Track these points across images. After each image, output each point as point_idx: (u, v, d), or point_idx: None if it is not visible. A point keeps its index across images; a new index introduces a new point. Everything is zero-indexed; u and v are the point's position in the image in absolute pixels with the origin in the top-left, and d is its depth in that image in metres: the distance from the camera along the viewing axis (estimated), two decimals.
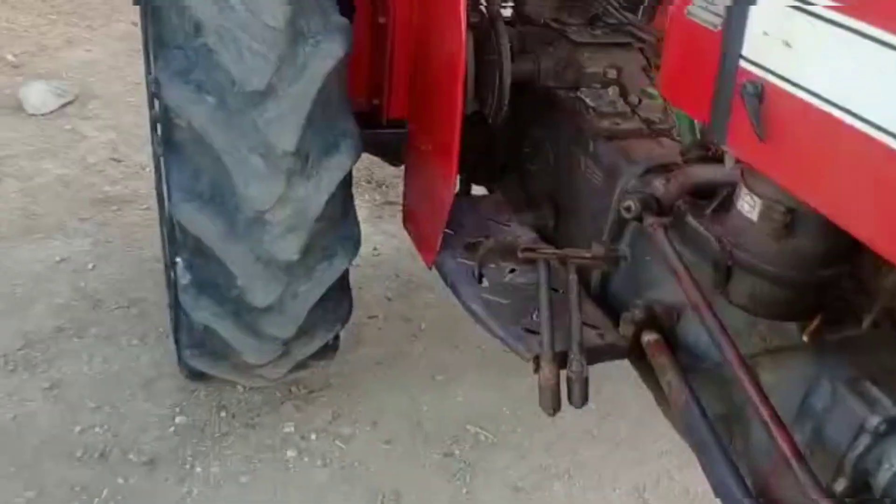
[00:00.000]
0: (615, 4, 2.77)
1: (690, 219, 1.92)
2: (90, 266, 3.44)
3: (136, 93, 4.58)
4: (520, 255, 1.97)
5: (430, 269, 2.49)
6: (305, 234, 2.09)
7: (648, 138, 2.36)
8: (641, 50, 2.63)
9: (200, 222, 2.04)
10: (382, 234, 3.91)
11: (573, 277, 1.98)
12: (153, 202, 3.34)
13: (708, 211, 1.94)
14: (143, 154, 4.11)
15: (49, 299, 3.23)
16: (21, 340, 3.01)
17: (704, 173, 1.89)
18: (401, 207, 4.30)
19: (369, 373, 3.11)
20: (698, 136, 2.17)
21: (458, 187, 2.67)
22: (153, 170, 3.08)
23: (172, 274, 2.30)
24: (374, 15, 2.52)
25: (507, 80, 2.43)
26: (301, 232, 2.08)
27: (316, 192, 2.06)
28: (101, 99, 4.74)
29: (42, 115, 4.50)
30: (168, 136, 2.08)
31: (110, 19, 5.74)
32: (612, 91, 2.47)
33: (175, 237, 2.16)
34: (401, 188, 4.28)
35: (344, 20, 2.12)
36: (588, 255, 1.97)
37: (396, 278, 3.70)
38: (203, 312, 2.18)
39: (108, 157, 4.22)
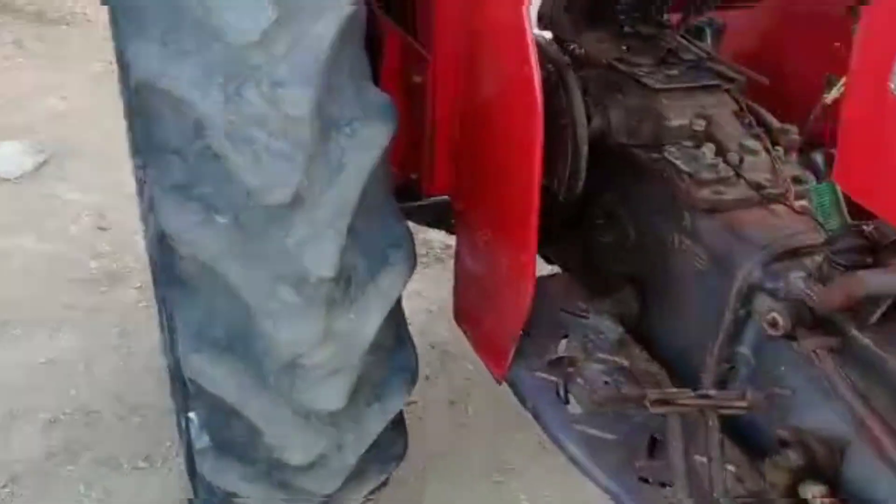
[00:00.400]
0: (688, 37, 2.31)
1: (865, 340, 1.48)
2: (80, 367, 2.95)
3: (119, 144, 4.05)
4: (651, 408, 1.51)
5: (501, 384, 2.03)
6: (352, 376, 1.62)
7: (759, 207, 1.90)
8: (728, 91, 2.17)
9: (218, 377, 1.57)
10: (407, 293, 3.43)
11: (713, 424, 1.53)
12: (147, 277, 2.87)
13: (871, 322, 1.50)
14: (131, 218, 3.60)
15: (35, 415, 2.75)
16: (5, 475, 2.54)
17: (885, 283, 1.44)
18: (428, 261, 3.90)
19: (417, 479, 2.64)
20: (847, 217, 1.72)
21: None
22: (143, 237, 2.61)
23: (183, 424, 1.83)
24: (406, 73, 2.05)
25: (584, 149, 1.96)
26: (347, 374, 1.61)
27: (364, 323, 1.60)
28: (80, 155, 4.23)
29: (15, 179, 4.00)
30: (168, 268, 1.61)
31: (84, 58, 5.21)
32: (709, 150, 1.99)
33: (185, 387, 1.69)
34: (425, 234, 3.86)
35: (384, 97, 1.65)
36: (743, 403, 1.50)
37: (431, 350, 3.23)
38: (227, 477, 1.72)
39: (93, 225, 3.72)
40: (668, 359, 2.00)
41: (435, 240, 3.73)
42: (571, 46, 2.28)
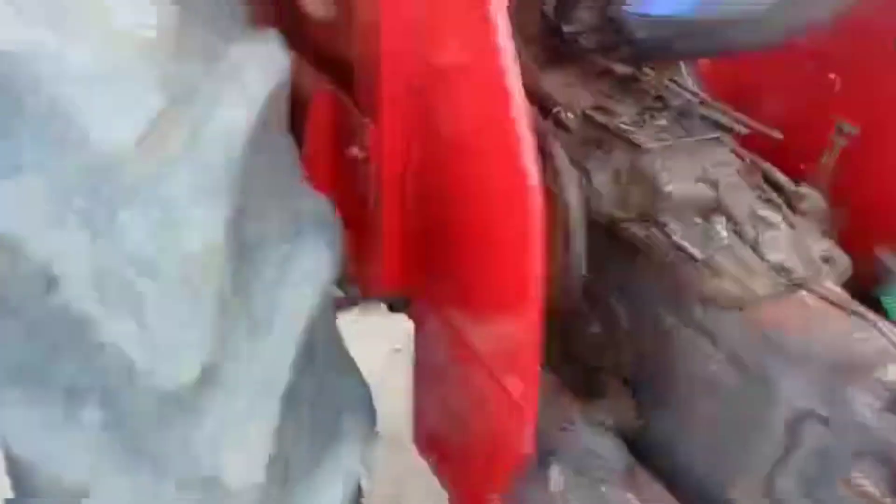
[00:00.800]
0: (676, 79, 1.90)
1: None
2: None
3: None
4: None
5: None
6: None
7: (790, 299, 1.52)
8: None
9: None
10: None
11: None
12: None
13: None
14: None
15: None
16: None
17: None
18: (372, 313, 3.39)
19: None
20: None
21: None
22: None
23: None
24: (340, 143, 1.56)
25: (581, 244, 1.53)
26: None
27: None
28: None
29: None
30: (17, 483, 1.08)
31: None
32: (720, 225, 1.60)
33: None
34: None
35: (324, 203, 1.17)
36: None
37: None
38: None
39: None
40: (679, 485, 1.62)
41: None
42: (541, 96, 1.85)
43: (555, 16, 1.65)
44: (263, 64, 1.12)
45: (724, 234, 1.58)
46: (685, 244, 1.56)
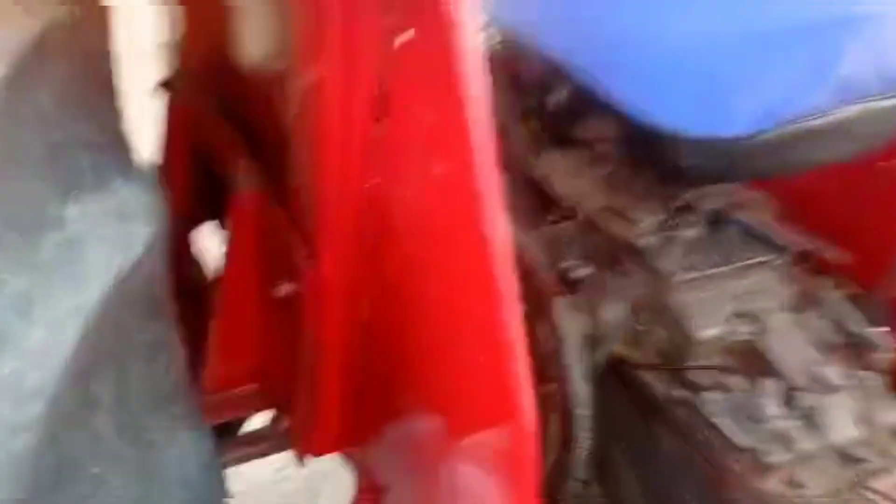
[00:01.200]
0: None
1: None
2: None
3: None
4: None
5: None
6: None
7: (858, 500, 1.17)
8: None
9: None
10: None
11: None
12: None
13: None
14: None
15: None
16: None
17: None
18: None
19: None
20: None
21: None
22: None
23: None
24: (269, 275, 1.12)
25: (586, 419, 1.14)
26: None
27: None
28: None
29: None
30: None
31: None
32: (769, 389, 1.23)
33: None
34: None
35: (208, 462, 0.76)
36: None
37: None
38: None
39: None
40: None
41: None
42: (540, 190, 1.45)
43: (564, 118, 1.25)
44: (119, 230, 0.70)
45: (775, 410, 1.21)
46: (725, 426, 1.20)
